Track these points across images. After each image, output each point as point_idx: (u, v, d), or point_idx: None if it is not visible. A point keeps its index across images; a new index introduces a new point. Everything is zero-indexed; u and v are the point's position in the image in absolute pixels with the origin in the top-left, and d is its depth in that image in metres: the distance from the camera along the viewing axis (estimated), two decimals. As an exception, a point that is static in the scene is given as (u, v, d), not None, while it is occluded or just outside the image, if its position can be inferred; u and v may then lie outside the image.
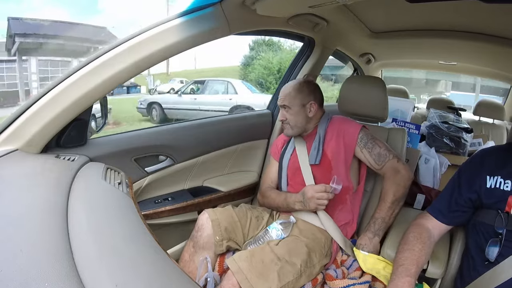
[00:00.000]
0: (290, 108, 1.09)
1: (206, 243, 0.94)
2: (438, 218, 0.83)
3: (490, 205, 0.75)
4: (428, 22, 1.30)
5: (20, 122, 0.76)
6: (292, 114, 1.09)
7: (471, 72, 2.26)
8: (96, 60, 0.77)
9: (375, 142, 1.06)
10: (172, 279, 0.48)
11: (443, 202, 0.84)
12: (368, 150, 1.05)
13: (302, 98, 1.10)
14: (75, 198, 0.60)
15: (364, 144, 1.06)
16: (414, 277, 0.72)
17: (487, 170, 0.77)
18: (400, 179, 1.00)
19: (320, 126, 1.12)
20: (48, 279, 0.39)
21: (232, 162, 1.38)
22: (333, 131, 1.09)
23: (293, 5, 0.99)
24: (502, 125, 2.17)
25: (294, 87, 1.11)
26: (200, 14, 0.84)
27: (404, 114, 1.93)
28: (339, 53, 1.79)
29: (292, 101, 1.09)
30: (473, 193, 0.78)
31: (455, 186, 0.83)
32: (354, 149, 1.07)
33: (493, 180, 0.75)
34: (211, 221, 0.95)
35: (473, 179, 0.78)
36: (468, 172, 0.81)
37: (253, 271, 0.79)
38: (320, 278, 0.93)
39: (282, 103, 1.10)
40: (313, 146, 1.09)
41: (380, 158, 1.04)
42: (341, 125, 1.11)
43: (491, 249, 0.71)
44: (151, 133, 1.14)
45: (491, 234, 0.72)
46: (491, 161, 0.78)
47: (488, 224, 0.74)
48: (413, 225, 0.84)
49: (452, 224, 0.84)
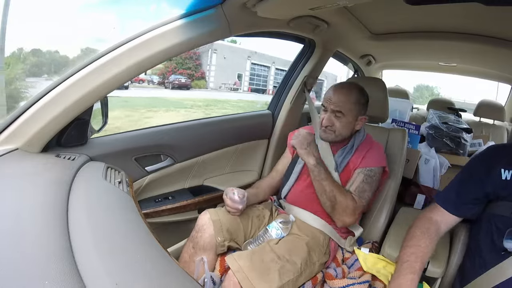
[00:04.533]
0: (344, 116, 1.02)
1: (207, 243, 0.93)
2: (448, 209, 0.82)
3: (505, 196, 0.75)
4: (428, 23, 1.30)
5: (20, 121, 0.77)
6: (343, 123, 1.02)
7: (471, 73, 2.26)
8: (98, 60, 0.78)
9: (373, 183, 1.02)
10: (173, 278, 0.48)
11: (454, 193, 0.83)
12: (362, 179, 1.01)
13: (358, 110, 1.03)
14: (75, 197, 0.61)
15: (365, 174, 1.02)
16: (418, 275, 0.72)
17: (501, 164, 0.77)
18: (344, 213, 0.96)
19: (356, 138, 1.08)
20: (48, 277, 0.39)
21: (233, 161, 1.38)
22: (365, 148, 1.07)
23: (294, 7, 1.00)
24: (503, 126, 2.18)
25: (355, 94, 1.03)
26: (201, 15, 0.85)
27: (402, 114, 1.93)
28: (340, 54, 1.79)
29: (348, 110, 1.01)
30: (488, 186, 0.78)
31: (468, 179, 0.83)
32: (357, 168, 1.04)
33: (508, 172, 0.75)
34: (213, 221, 0.94)
35: (488, 172, 0.79)
36: (482, 166, 0.81)
37: (253, 270, 0.79)
38: (320, 277, 0.93)
39: (338, 108, 1.01)
40: (339, 153, 1.07)
41: (359, 192, 1.00)
42: (373, 147, 1.07)
43: (509, 239, 0.71)
44: (152, 133, 1.14)
45: (508, 225, 0.72)
46: (504, 156, 0.79)
47: (505, 216, 0.74)
48: (420, 219, 0.83)
49: (462, 216, 0.83)
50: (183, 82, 15.08)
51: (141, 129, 1.14)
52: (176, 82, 14.87)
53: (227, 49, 16.00)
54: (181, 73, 15.46)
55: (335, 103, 1.02)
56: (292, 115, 1.51)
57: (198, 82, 15.74)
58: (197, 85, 15.56)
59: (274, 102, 1.54)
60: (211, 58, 15.80)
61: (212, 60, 15.80)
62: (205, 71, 16.06)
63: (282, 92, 1.52)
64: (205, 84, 15.99)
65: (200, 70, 16.08)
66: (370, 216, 1.16)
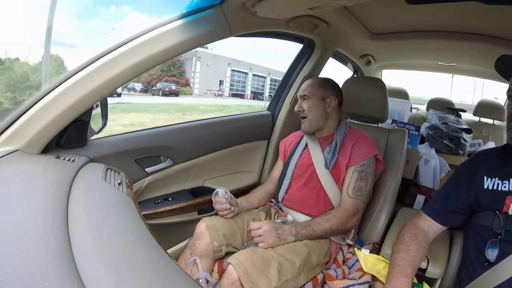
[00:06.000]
0: (310, 99, 1.09)
1: (204, 250, 0.93)
2: (433, 218, 0.83)
3: (487, 206, 0.75)
4: (427, 23, 1.30)
5: (20, 123, 0.76)
6: (311, 106, 1.08)
7: (470, 72, 2.26)
8: (97, 62, 0.78)
9: (368, 176, 1.03)
10: (173, 279, 0.48)
11: (439, 203, 0.84)
12: (356, 178, 1.02)
13: (324, 92, 1.10)
14: (75, 199, 0.61)
15: (359, 172, 1.03)
16: (410, 278, 0.72)
17: (484, 171, 0.77)
18: (350, 219, 0.98)
19: (338, 133, 1.10)
20: (48, 278, 0.39)
21: (233, 162, 1.38)
22: (350, 141, 1.07)
23: (293, 7, 1.00)
24: (502, 126, 2.17)
25: (318, 81, 1.12)
26: (201, 15, 0.85)
27: (401, 115, 1.93)
28: (339, 54, 1.79)
29: (313, 92, 1.09)
30: (471, 196, 0.78)
31: (453, 188, 0.83)
32: (349, 167, 1.04)
33: (491, 181, 0.75)
34: (208, 227, 0.95)
35: (471, 181, 0.78)
36: (466, 174, 0.81)
37: (253, 266, 0.79)
38: (321, 278, 0.93)
39: (303, 93, 1.10)
40: (327, 150, 1.08)
41: (356, 192, 1.00)
42: (359, 139, 1.08)
43: (490, 250, 0.71)
44: (152, 134, 1.14)
45: (489, 236, 0.72)
46: (488, 162, 0.78)
47: (487, 226, 0.74)
48: (409, 225, 0.83)
49: (448, 225, 0.84)
50: (173, 89, 15.34)
51: (141, 130, 1.14)
52: (167, 89, 15.11)
53: (211, 56, 16.71)
54: (167, 80, 15.71)
55: (302, 89, 1.12)
56: (292, 115, 1.51)
57: (183, 89, 16.08)
58: (183, 92, 15.87)
59: (274, 103, 1.54)
60: (195, 66, 16.32)
61: (196, 67, 16.35)
62: (189, 78, 16.56)
63: (281, 92, 1.52)
64: (191, 91, 16.44)
65: (185, 77, 16.50)
66: (370, 217, 1.16)
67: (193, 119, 1.41)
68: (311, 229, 0.94)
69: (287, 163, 1.16)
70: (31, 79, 7.08)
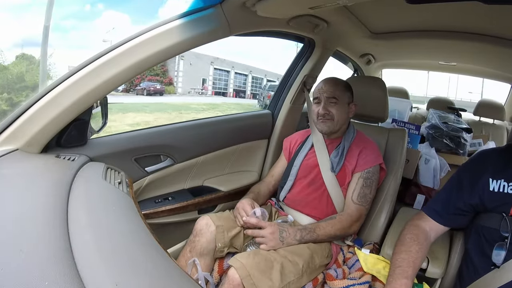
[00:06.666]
0: (338, 101, 1.04)
1: (204, 248, 0.93)
2: (435, 218, 0.82)
3: (493, 208, 0.73)
4: (428, 22, 1.30)
5: (20, 122, 0.76)
6: (339, 109, 1.05)
7: (470, 72, 2.26)
8: (97, 61, 0.77)
9: (372, 184, 1.04)
10: (173, 278, 0.48)
11: (440, 204, 0.83)
12: (362, 185, 1.02)
13: (349, 96, 1.08)
14: (75, 198, 0.60)
15: (364, 178, 1.03)
16: (411, 279, 0.72)
17: (489, 173, 0.75)
18: (353, 224, 0.99)
19: (346, 137, 1.09)
20: (48, 278, 0.39)
21: (233, 162, 1.38)
22: (357, 147, 1.07)
23: (293, 7, 0.99)
24: (503, 126, 2.17)
25: (342, 83, 1.08)
26: (201, 15, 0.85)
27: (401, 114, 1.93)
28: (339, 53, 1.79)
29: (341, 95, 1.05)
30: (475, 197, 0.76)
31: (454, 189, 0.81)
32: (355, 172, 1.05)
33: (496, 183, 0.73)
34: (216, 227, 0.94)
35: (475, 182, 0.77)
36: (469, 175, 0.80)
37: (255, 268, 0.78)
38: (321, 278, 0.93)
39: (331, 95, 1.04)
40: (334, 153, 1.07)
41: (361, 199, 1.01)
42: (366, 146, 1.08)
43: (496, 253, 0.69)
44: (152, 133, 1.14)
45: (495, 238, 0.71)
46: (492, 164, 0.77)
47: (493, 228, 0.72)
48: (410, 226, 0.83)
49: (449, 225, 0.83)
50: (158, 89, 15.23)
51: (141, 129, 1.14)
52: (152, 88, 14.97)
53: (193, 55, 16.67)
54: (150, 79, 15.54)
55: (327, 90, 1.05)
56: (292, 114, 1.51)
57: (167, 88, 15.96)
58: (167, 91, 15.79)
59: (274, 102, 1.54)
60: (178, 65, 16.28)
61: (179, 66, 16.32)
62: (172, 77, 16.49)
63: (282, 91, 1.52)
64: (174, 90, 16.38)
65: (168, 76, 16.38)
66: (370, 217, 1.16)
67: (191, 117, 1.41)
68: (316, 235, 0.94)
69: (292, 162, 1.15)
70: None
